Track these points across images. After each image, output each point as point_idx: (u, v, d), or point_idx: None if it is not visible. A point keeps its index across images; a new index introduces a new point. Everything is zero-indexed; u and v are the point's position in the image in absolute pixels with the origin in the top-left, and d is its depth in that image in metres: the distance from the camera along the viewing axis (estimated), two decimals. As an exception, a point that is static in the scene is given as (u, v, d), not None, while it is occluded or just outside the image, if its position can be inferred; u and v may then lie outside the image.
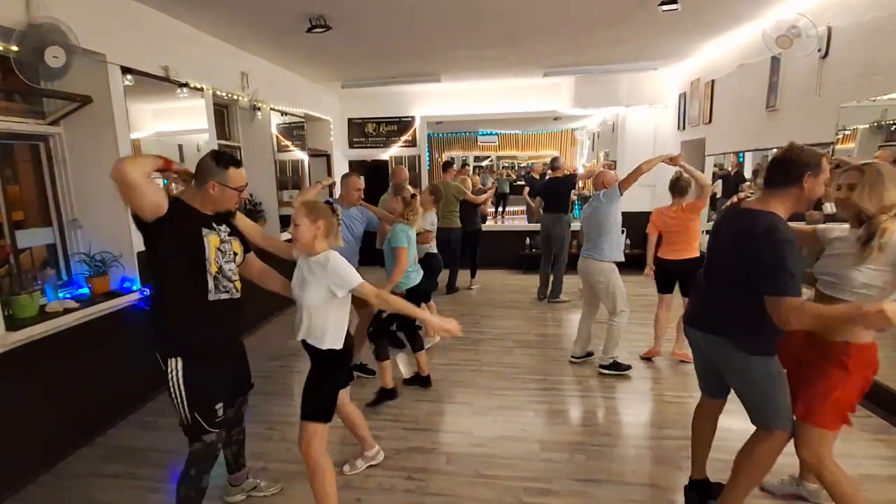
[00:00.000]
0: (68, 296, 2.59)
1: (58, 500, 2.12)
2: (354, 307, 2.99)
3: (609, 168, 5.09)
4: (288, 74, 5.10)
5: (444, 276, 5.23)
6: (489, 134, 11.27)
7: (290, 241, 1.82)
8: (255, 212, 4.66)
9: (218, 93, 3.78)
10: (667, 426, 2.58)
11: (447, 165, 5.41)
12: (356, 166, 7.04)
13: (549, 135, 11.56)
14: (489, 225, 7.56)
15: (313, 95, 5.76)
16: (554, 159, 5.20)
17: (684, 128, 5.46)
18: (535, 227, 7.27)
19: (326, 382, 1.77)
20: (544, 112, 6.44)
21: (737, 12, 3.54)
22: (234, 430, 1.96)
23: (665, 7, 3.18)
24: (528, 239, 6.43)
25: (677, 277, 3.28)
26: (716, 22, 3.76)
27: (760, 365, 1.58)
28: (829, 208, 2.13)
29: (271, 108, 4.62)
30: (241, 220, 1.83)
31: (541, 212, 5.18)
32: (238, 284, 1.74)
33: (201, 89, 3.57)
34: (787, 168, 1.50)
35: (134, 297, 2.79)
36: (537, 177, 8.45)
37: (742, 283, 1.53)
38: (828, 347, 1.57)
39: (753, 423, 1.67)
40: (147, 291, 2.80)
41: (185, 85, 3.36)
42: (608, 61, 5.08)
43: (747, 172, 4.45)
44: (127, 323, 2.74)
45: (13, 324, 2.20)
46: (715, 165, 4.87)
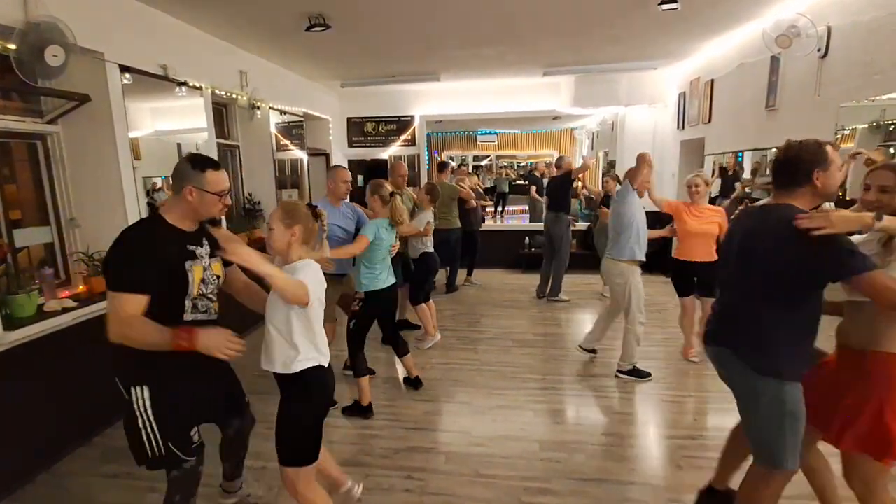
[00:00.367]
0: (66, 295, 2.58)
1: (55, 499, 2.11)
2: (341, 308, 2.93)
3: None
4: (287, 73, 5.09)
5: (443, 276, 5.25)
6: (488, 133, 11.27)
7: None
8: (254, 211, 4.65)
9: (217, 91, 3.77)
10: (666, 426, 2.58)
11: (442, 166, 5.42)
12: (356, 166, 7.04)
13: (548, 134, 11.57)
14: (488, 224, 7.56)
15: (312, 94, 5.75)
16: (559, 158, 5.22)
17: (684, 127, 5.46)
18: (534, 226, 7.29)
19: (304, 416, 1.51)
20: (544, 111, 6.44)
21: (736, 12, 3.54)
22: (234, 448, 1.81)
23: (665, 6, 3.18)
24: (527, 238, 6.44)
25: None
26: (715, 21, 3.76)
27: (772, 389, 1.36)
28: (826, 207, 2.08)
29: (270, 107, 4.61)
30: (222, 234, 1.68)
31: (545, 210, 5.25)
32: (216, 305, 1.61)
33: (200, 88, 3.56)
34: (794, 169, 1.39)
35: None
36: (538, 175, 8.46)
37: (765, 289, 1.37)
38: (871, 361, 1.37)
39: (754, 457, 1.48)
40: None
41: (184, 84, 3.35)
42: (608, 60, 5.08)
43: (747, 173, 4.45)
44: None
45: (11, 323, 2.19)
46: (717, 164, 4.87)
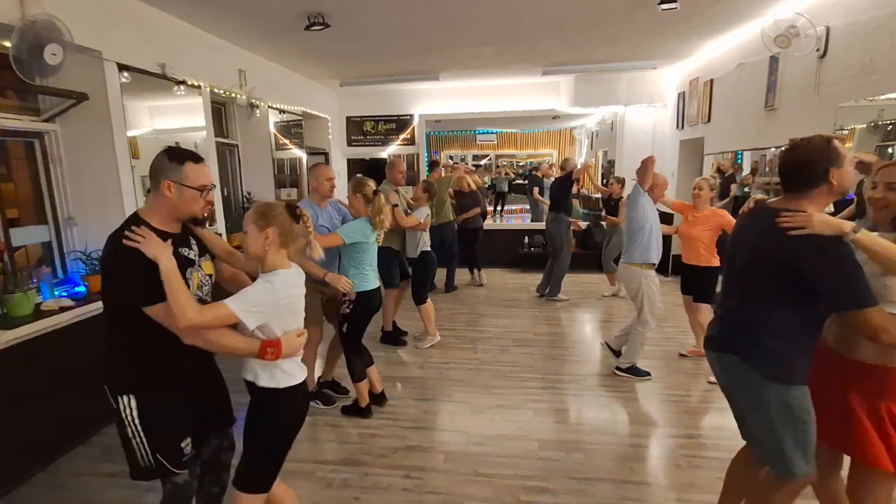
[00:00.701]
0: (64, 294, 2.57)
1: (54, 499, 2.11)
2: (326, 318, 2.81)
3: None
4: (286, 72, 5.08)
5: (441, 276, 5.24)
6: (488, 132, 11.27)
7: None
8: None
9: (215, 90, 3.76)
10: (665, 424, 2.58)
11: (433, 165, 5.44)
12: (355, 165, 7.03)
13: (547, 133, 11.58)
14: (487, 224, 7.55)
15: (311, 93, 5.74)
16: (564, 160, 5.22)
17: (683, 127, 5.47)
18: (534, 226, 7.29)
19: (263, 434, 1.41)
20: (543, 111, 6.44)
21: (735, 12, 3.54)
22: (210, 479, 1.59)
23: (664, 6, 3.18)
24: (526, 238, 6.44)
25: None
26: (714, 21, 3.76)
27: (780, 394, 1.33)
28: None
29: (269, 106, 4.60)
30: (207, 234, 1.56)
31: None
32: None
33: (198, 87, 3.55)
34: (808, 170, 1.31)
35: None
36: (540, 176, 8.47)
37: (774, 294, 1.33)
38: (876, 375, 1.31)
39: (767, 463, 1.44)
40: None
41: (183, 82, 3.34)
42: (607, 60, 5.08)
43: (745, 172, 4.45)
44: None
45: (8, 322, 2.19)
46: (715, 164, 4.87)
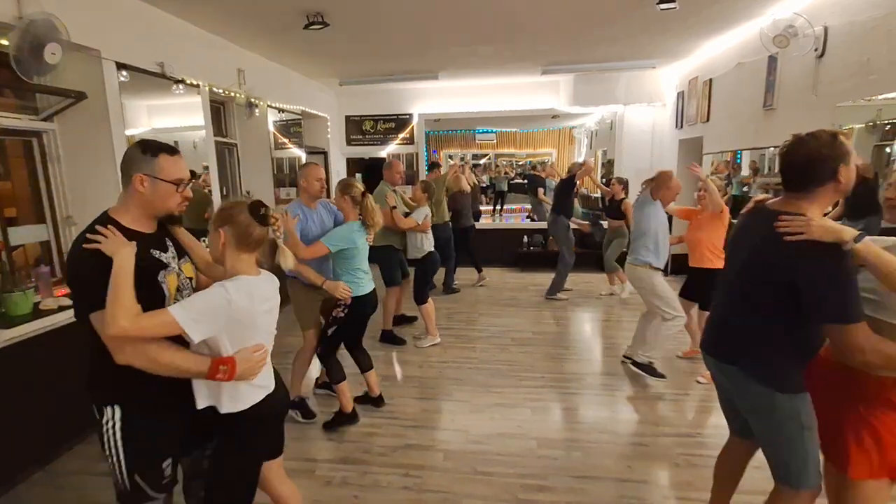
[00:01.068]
0: (63, 293, 2.57)
1: (52, 498, 2.11)
2: (302, 330, 2.66)
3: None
4: (285, 71, 5.07)
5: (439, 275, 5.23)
6: (487, 132, 11.27)
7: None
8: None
9: (214, 89, 3.75)
10: (663, 423, 2.59)
11: (433, 166, 5.45)
12: (354, 164, 7.03)
13: (547, 133, 11.58)
14: (487, 223, 7.55)
15: (310, 92, 5.74)
16: (573, 164, 5.28)
17: (682, 126, 5.47)
18: (533, 225, 7.29)
19: (226, 466, 1.30)
20: (542, 110, 6.44)
21: (734, 11, 3.54)
22: (197, 484, 1.51)
23: (663, 6, 3.19)
24: (525, 237, 6.44)
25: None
26: (713, 21, 3.77)
27: (788, 404, 1.30)
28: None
29: (268, 105, 4.59)
30: (184, 235, 1.43)
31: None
32: None
33: (197, 86, 3.54)
34: (816, 167, 1.25)
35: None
36: (544, 176, 8.51)
37: (776, 301, 1.28)
38: (871, 386, 1.26)
39: (776, 478, 1.39)
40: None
41: (181, 81, 3.33)
42: (606, 59, 5.08)
43: (744, 172, 4.46)
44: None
45: (7, 321, 2.19)
46: (714, 164, 4.88)
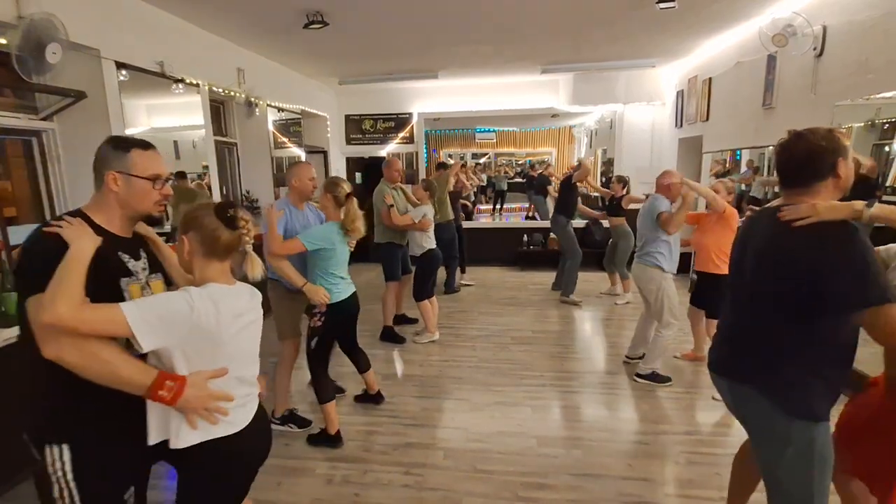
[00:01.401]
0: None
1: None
2: (279, 340, 2.49)
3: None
4: (284, 70, 5.07)
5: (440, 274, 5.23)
6: (487, 131, 11.27)
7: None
8: (252, 209, 4.64)
9: (214, 88, 3.75)
10: (663, 421, 2.60)
11: (441, 166, 5.45)
12: (354, 163, 7.03)
13: (547, 132, 11.59)
14: (486, 222, 7.57)
15: (310, 91, 5.73)
16: (579, 161, 5.19)
17: (682, 125, 5.48)
18: (532, 224, 7.30)
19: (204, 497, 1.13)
20: (542, 109, 6.44)
21: (733, 10, 3.55)
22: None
23: (662, 5, 3.19)
24: (525, 236, 6.44)
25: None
26: (713, 20, 3.77)
27: (803, 433, 1.17)
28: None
29: (268, 105, 4.59)
30: (164, 248, 1.32)
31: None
32: None
33: (197, 85, 3.54)
34: (816, 162, 1.21)
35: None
36: (548, 175, 8.54)
37: (792, 309, 1.18)
38: None
39: None
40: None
41: (181, 80, 3.33)
42: (606, 58, 5.09)
43: (742, 170, 4.46)
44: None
45: (6, 321, 2.19)
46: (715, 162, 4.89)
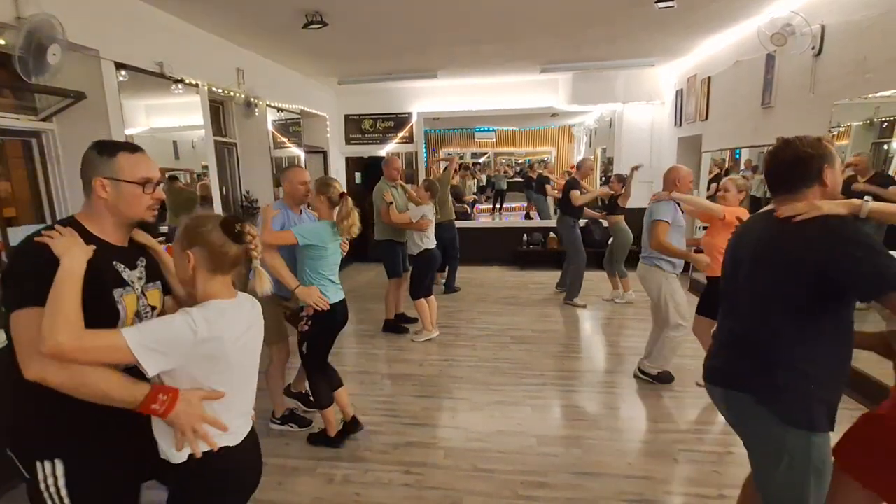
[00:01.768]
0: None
1: (55, 497, 2.12)
2: (266, 345, 2.62)
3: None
4: (284, 70, 5.07)
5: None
6: (486, 130, 11.27)
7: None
8: (251, 209, 4.65)
9: (213, 89, 3.75)
10: (662, 420, 2.61)
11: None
12: (353, 163, 7.03)
13: (546, 131, 11.58)
14: (486, 221, 7.58)
15: (309, 91, 5.73)
16: (581, 160, 5.08)
17: (681, 124, 5.48)
18: (532, 223, 7.31)
19: None
20: (541, 108, 6.44)
21: (732, 10, 3.55)
22: None
23: (661, 4, 3.20)
24: (524, 235, 6.45)
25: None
26: (712, 19, 3.78)
27: (798, 443, 1.15)
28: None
29: (267, 105, 4.59)
30: (164, 256, 1.28)
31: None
32: None
33: (196, 85, 3.54)
34: (803, 168, 1.21)
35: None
36: (547, 174, 8.53)
37: (790, 312, 1.17)
38: None
39: None
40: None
41: (180, 81, 3.33)
42: (605, 58, 5.09)
43: (742, 169, 4.47)
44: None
45: (6, 321, 2.19)
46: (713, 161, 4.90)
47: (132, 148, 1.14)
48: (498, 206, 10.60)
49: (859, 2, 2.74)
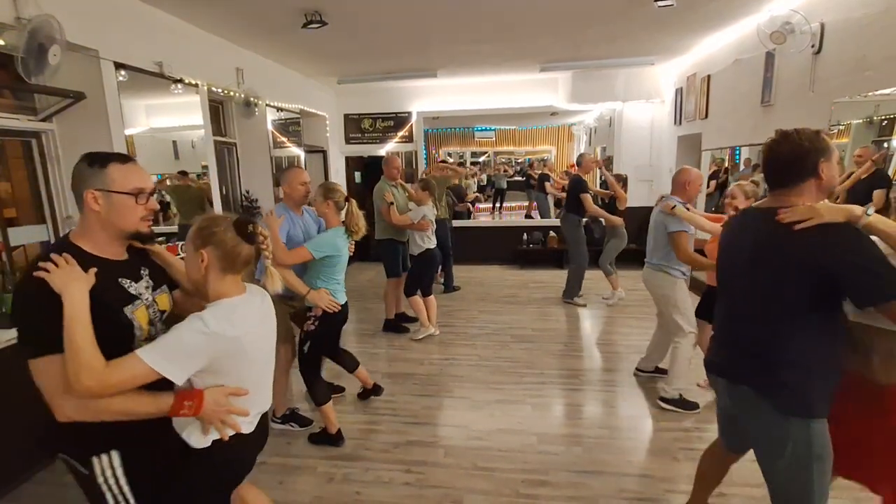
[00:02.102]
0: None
1: (55, 497, 2.12)
2: (295, 325, 2.51)
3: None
4: (283, 70, 5.07)
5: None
6: (486, 129, 11.27)
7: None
8: (251, 209, 4.65)
9: (213, 88, 3.75)
10: (662, 418, 2.61)
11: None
12: (353, 162, 7.03)
13: (546, 130, 11.59)
14: (486, 221, 7.58)
15: (309, 91, 5.73)
16: (580, 156, 4.84)
17: (681, 123, 5.48)
18: (532, 222, 7.31)
19: (194, 491, 1.16)
20: (541, 107, 6.44)
21: (731, 8, 3.55)
22: None
23: (661, 3, 3.19)
24: (525, 234, 6.45)
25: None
26: (711, 17, 3.77)
27: (801, 431, 1.19)
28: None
29: (267, 104, 4.59)
30: (164, 255, 1.29)
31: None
32: None
33: (196, 85, 3.54)
34: (800, 161, 1.22)
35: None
36: (536, 174, 8.50)
37: (791, 309, 1.19)
38: None
39: None
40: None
41: (180, 81, 3.33)
42: (605, 56, 5.08)
43: (742, 169, 4.47)
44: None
45: (8, 321, 2.19)
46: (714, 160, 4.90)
47: (123, 158, 1.12)
48: (498, 205, 10.61)
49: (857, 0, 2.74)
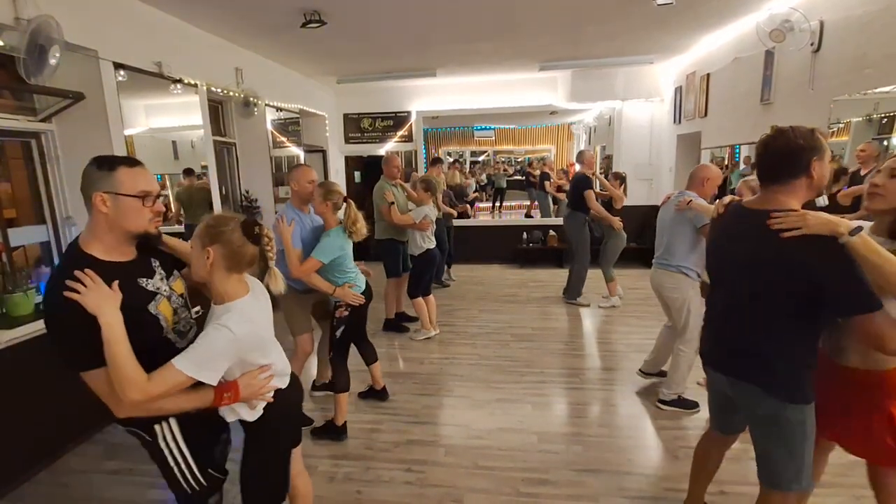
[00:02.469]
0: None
1: (57, 497, 2.12)
2: (315, 318, 2.64)
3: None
4: (283, 70, 5.06)
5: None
6: (486, 129, 11.27)
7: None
8: (251, 209, 4.65)
9: (212, 88, 3.75)
10: (662, 417, 2.61)
11: (435, 161, 5.48)
12: (353, 162, 7.03)
13: (545, 129, 11.60)
14: (486, 220, 7.58)
15: (308, 91, 5.73)
16: (579, 153, 4.72)
17: (680, 121, 5.48)
18: (532, 221, 7.31)
19: (264, 454, 1.33)
20: (540, 106, 6.45)
21: (731, 7, 3.55)
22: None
23: (660, 1, 3.19)
24: (524, 233, 6.45)
25: None
26: (710, 16, 3.77)
27: (796, 414, 1.29)
28: (821, 202, 2.09)
29: (266, 104, 4.59)
30: (175, 243, 1.37)
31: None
32: (191, 312, 1.36)
33: (195, 85, 3.54)
34: (793, 158, 1.24)
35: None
36: (537, 173, 8.48)
37: (778, 305, 1.24)
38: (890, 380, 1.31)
39: (766, 482, 1.38)
40: None
41: (179, 81, 3.33)
42: (604, 55, 5.09)
43: (742, 167, 4.47)
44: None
45: (8, 322, 2.20)
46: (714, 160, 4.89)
47: (131, 162, 1.16)
48: (498, 204, 10.61)
49: (858, -2, 2.74)
